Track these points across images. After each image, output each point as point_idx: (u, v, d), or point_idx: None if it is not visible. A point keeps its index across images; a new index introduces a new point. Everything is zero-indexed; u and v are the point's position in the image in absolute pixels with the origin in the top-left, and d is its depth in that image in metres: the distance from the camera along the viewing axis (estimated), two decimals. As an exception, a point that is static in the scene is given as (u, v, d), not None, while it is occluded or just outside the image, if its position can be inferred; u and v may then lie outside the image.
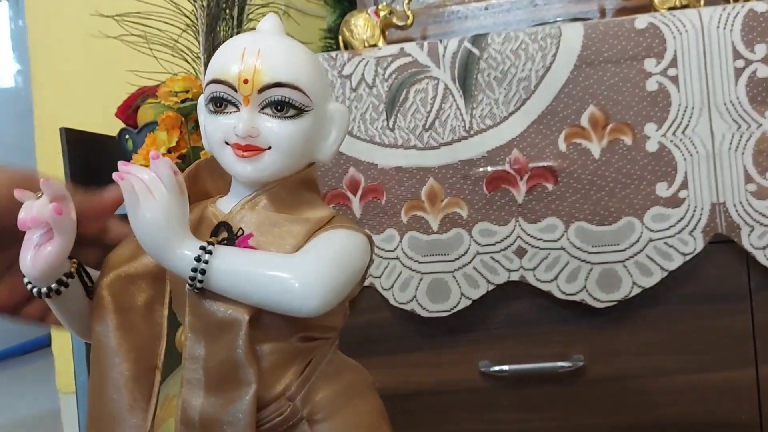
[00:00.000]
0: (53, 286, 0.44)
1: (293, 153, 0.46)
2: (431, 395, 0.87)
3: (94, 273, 0.49)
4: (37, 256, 0.43)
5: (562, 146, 0.82)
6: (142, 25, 0.95)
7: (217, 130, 0.46)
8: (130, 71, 0.96)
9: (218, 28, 0.93)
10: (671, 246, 0.79)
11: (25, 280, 0.44)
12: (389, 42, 0.96)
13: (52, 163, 1.45)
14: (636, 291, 0.80)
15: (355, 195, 0.86)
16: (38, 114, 1.55)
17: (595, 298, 0.81)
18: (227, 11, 0.93)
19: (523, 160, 0.82)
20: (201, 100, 0.48)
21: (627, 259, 0.80)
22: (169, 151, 0.86)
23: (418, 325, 0.86)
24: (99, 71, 1.08)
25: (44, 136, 1.54)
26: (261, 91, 0.44)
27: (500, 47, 0.83)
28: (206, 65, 0.95)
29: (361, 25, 0.92)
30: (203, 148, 0.90)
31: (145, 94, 1.17)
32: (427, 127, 0.84)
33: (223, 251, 0.43)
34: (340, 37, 0.95)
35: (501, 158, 0.82)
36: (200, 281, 0.42)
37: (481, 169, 0.83)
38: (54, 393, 1.65)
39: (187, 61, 0.93)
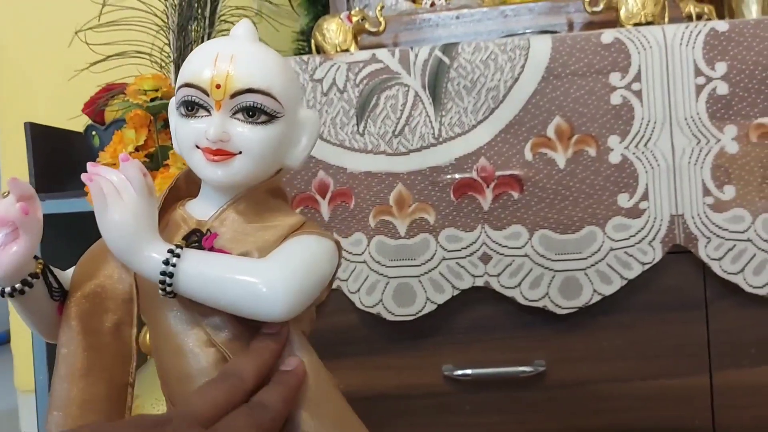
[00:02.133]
0: (17, 285, 0.44)
1: (264, 158, 0.46)
2: (395, 398, 0.88)
3: (60, 273, 0.49)
4: (2, 255, 0.42)
5: (528, 156, 0.83)
6: (115, 30, 0.94)
7: (188, 134, 0.46)
8: (98, 70, 0.95)
9: (189, 28, 0.93)
10: (631, 255, 0.82)
11: None
12: (361, 48, 0.97)
13: (16, 157, 1.43)
14: (596, 298, 0.82)
15: (323, 198, 0.87)
16: (3, 108, 1.52)
17: (556, 305, 0.83)
18: (199, 11, 0.93)
19: (489, 168, 0.83)
20: (172, 103, 0.48)
21: (588, 267, 0.82)
22: (137, 149, 0.85)
23: (383, 328, 0.86)
24: (68, 68, 1.07)
25: (9, 129, 1.52)
26: (233, 96, 0.44)
27: (470, 57, 0.84)
28: (177, 65, 0.95)
29: (333, 29, 0.93)
30: (171, 147, 0.90)
31: (111, 90, 1.16)
32: (396, 133, 0.85)
33: (192, 255, 0.43)
34: (312, 41, 0.95)
35: (468, 166, 0.84)
36: (169, 284, 0.42)
37: (448, 176, 0.84)
38: (12, 391, 1.62)
39: (157, 62, 0.93)
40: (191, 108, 0.45)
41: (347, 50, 0.93)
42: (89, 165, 0.42)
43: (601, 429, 0.85)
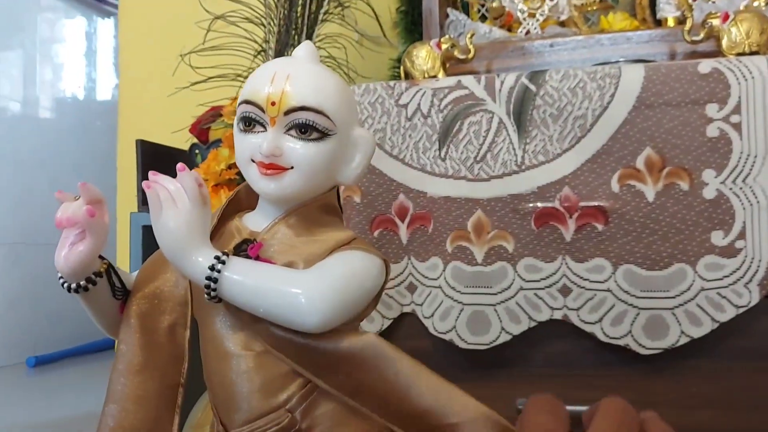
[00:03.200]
0: (82, 282, 0.48)
1: (315, 174, 0.48)
2: (466, 429, 0.86)
3: (125, 274, 0.52)
4: (70, 254, 0.46)
5: (615, 187, 0.80)
6: (219, 55, 1.00)
7: (244, 148, 0.48)
8: (200, 89, 1.01)
9: (286, 53, 0.97)
10: (724, 297, 0.77)
11: (58, 275, 0.48)
12: (450, 75, 0.97)
13: (129, 173, 1.54)
14: (684, 340, 0.78)
15: (403, 221, 0.87)
16: (122, 127, 1.64)
17: (640, 344, 0.79)
18: (296, 38, 0.97)
19: (573, 198, 0.81)
20: (235, 119, 0.51)
21: (676, 307, 0.78)
22: (229, 167, 0.89)
23: (456, 356, 0.85)
24: (180, 91, 1.15)
25: (125, 148, 1.63)
26: (287, 113, 0.46)
27: (558, 84, 0.83)
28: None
29: (422, 56, 0.94)
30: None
31: (215, 112, 1.23)
32: (478, 159, 0.84)
33: (237, 263, 0.45)
34: (401, 68, 0.97)
35: (551, 195, 0.82)
36: (214, 289, 0.44)
37: (530, 205, 0.82)
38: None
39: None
40: (249, 123, 0.48)
41: (434, 77, 0.93)
42: (150, 173, 0.45)
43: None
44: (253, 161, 0.48)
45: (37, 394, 1.93)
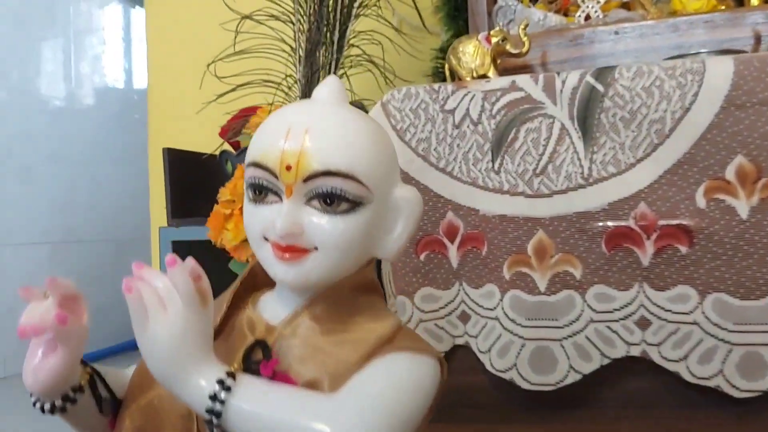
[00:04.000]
0: (57, 402, 0.39)
1: (345, 255, 0.37)
2: (529, 475, 0.77)
3: (116, 375, 0.43)
4: (40, 368, 0.37)
5: (701, 202, 0.69)
6: (245, 58, 0.90)
7: (255, 223, 0.38)
8: (227, 100, 0.92)
9: (317, 54, 0.87)
10: (837, 332, 0.65)
11: (29, 393, 0.39)
12: (502, 70, 0.86)
13: (161, 180, 1.47)
14: (787, 382, 0.66)
15: (452, 243, 0.77)
16: (152, 136, 1.57)
17: (733, 386, 0.68)
18: (327, 35, 0.87)
19: (651, 215, 0.70)
20: (244, 184, 0.41)
21: (777, 343, 0.66)
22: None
23: (518, 394, 0.75)
24: (205, 97, 1.06)
25: (156, 157, 1.57)
26: (307, 180, 0.36)
27: (629, 83, 0.71)
28: (303, 93, 0.89)
29: (470, 52, 0.83)
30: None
31: (246, 115, 1.14)
32: (538, 171, 0.74)
33: (245, 387, 0.35)
34: (446, 67, 0.86)
35: (624, 212, 0.71)
36: (217, 425, 0.34)
37: (600, 224, 0.71)
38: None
39: (283, 91, 0.88)
40: (259, 192, 0.37)
41: (484, 75, 0.83)
42: (134, 266, 0.35)
43: None
44: (265, 239, 0.38)
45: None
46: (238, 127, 1.14)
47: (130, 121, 2.76)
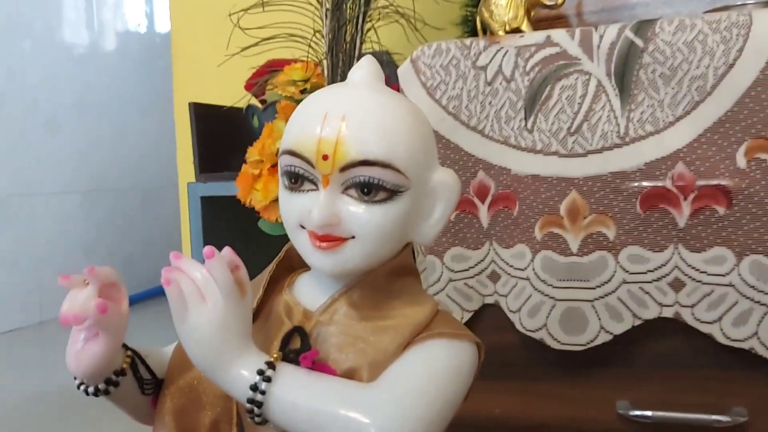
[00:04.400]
0: (101, 386, 0.39)
1: (382, 243, 0.37)
2: (559, 430, 0.78)
3: (156, 355, 0.43)
4: (82, 354, 0.37)
5: (742, 162, 0.67)
6: (271, 11, 0.88)
7: (291, 211, 0.37)
8: (251, 53, 0.90)
9: (344, 6, 0.85)
10: None
11: (72, 374, 0.40)
12: (535, 23, 0.83)
13: (187, 135, 1.47)
14: (823, 344, 0.65)
15: (483, 202, 0.76)
16: (177, 90, 1.56)
17: (768, 348, 0.67)
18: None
19: (689, 176, 0.68)
20: (279, 170, 0.40)
21: (815, 305, 0.65)
22: (287, 143, 0.80)
23: (548, 352, 0.75)
24: (230, 50, 1.05)
25: (182, 111, 1.56)
26: (344, 169, 0.35)
27: (670, 38, 0.68)
28: (330, 48, 0.88)
29: (502, 4, 0.81)
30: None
31: (272, 68, 1.13)
32: (572, 130, 0.72)
33: (285, 376, 0.36)
34: (477, 18, 0.83)
35: (662, 172, 0.69)
36: (258, 414, 0.35)
37: (635, 184, 0.70)
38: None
39: (311, 45, 0.86)
40: (295, 180, 0.37)
41: (518, 29, 0.80)
42: (172, 256, 0.35)
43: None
44: (302, 227, 0.37)
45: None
46: (263, 80, 1.13)
47: (154, 68, 2.74)
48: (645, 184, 0.70)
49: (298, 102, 0.80)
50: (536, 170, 0.74)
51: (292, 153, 0.36)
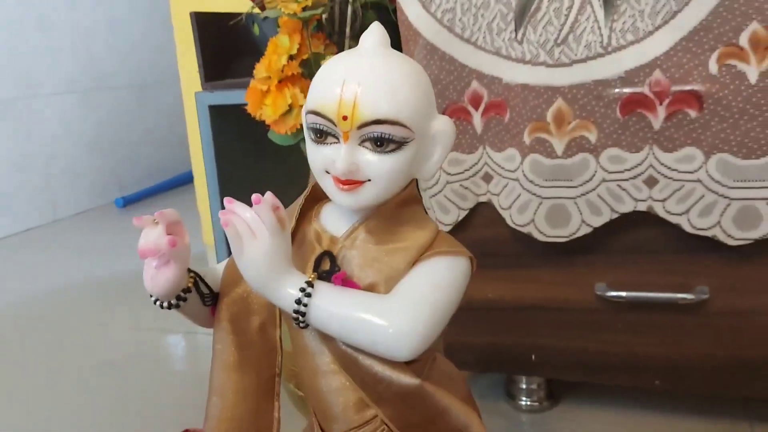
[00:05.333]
0: (173, 301, 0.48)
1: (393, 183, 0.46)
2: (544, 310, 0.89)
3: (210, 274, 0.52)
4: (157, 279, 0.46)
5: (713, 68, 0.73)
6: None
7: (318, 160, 0.46)
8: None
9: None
10: (827, 187, 0.72)
11: (149, 294, 0.48)
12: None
13: (188, 45, 1.49)
14: (778, 231, 0.74)
15: (476, 110, 0.83)
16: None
17: (729, 235, 0.76)
18: None
19: (665, 82, 0.74)
20: (303, 114, 0.47)
21: (772, 197, 0.74)
22: (291, 58, 0.85)
23: (535, 244, 0.85)
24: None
25: (181, 21, 1.56)
26: (360, 127, 0.43)
27: (653, -51, 0.72)
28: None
29: None
30: (324, 56, 0.88)
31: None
32: (559, 41, 0.77)
33: (322, 291, 0.45)
34: (469, -73, 0.86)
35: (640, 79, 0.75)
36: (302, 321, 0.44)
37: (616, 91, 0.76)
38: (199, 241, 1.83)
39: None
40: (320, 135, 0.44)
41: (508, -62, 0.83)
42: (226, 201, 0.43)
43: (763, 361, 0.81)
44: (327, 172, 0.45)
45: (132, 233, 2.09)
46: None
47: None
48: (625, 90, 0.76)
49: (300, 19, 0.84)
50: (526, 79, 0.79)
51: (316, 113, 0.44)
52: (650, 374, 0.87)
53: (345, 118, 0.42)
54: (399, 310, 0.44)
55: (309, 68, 0.88)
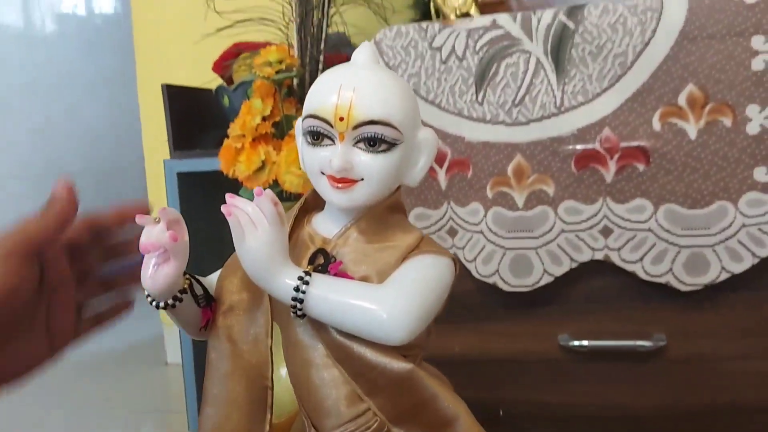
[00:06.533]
0: (170, 301, 0.50)
1: (384, 183, 0.49)
2: (510, 362, 0.90)
3: (204, 279, 0.54)
4: (157, 276, 0.47)
5: (657, 126, 0.80)
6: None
7: (314, 161, 0.49)
8: (225, 35, 0.99)
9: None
10: (765, 232, 0.77)
11: (146, 293, 0.49)
12: (482, 7, 0.94)
13: (153, 116, 1.53)
14: (724, 276, 0.79)
15: (441, 167, 0.87)
16: (141, 72, 1.61)
17: (680, 281, 0.81)
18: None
19: (614, 139, 0.80)
20: (299, 125, 0.51)
21: (717, 244, 0.79)
22: (264, 119, 0.89)
23: (499, 296, 0.88)
24: (199, 32, 1.12)
25: (147, 94, 1.61)
26: (355, 127, 0.46)
27: (597, 20, 0.80)
28: (298, 31, 0.97)
29: (453, -9, 0.91)
30: (296, 117, 0.93)
31: (237, 50, 1.21)
32: (516, 102, 0.83)
33: (319, 280, 0.47)
34: (431, 4, 0.94)
35: (591, 137, 0.81)
36: (300, 309, 0.46)
37: (570, 147, 0.82)
38: (158, 322, 1.78)
39: (280, 29, 0.95)
40: (317, 137, 0.48)
41: (467, 13, 0.91)
42: (228, 197, 0.46)
43: (721, 406, 0.84)
44: (322, 173, 0.48)
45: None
46: (230, 60, 1.21)
47: (97, 45, 2.74)
48: (578, 147, 0.82)
49: (273, 82, 0.89)
50: (486, 137, 0.85)
51: (314, 116, 0.47)
52: (617, 424, 0.89)
53: (341, 119, 0.46)
54: (392, 297, 0.46)
55: (281, 129, 0.92)
